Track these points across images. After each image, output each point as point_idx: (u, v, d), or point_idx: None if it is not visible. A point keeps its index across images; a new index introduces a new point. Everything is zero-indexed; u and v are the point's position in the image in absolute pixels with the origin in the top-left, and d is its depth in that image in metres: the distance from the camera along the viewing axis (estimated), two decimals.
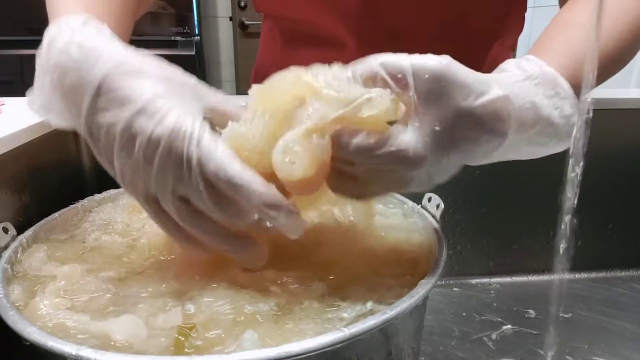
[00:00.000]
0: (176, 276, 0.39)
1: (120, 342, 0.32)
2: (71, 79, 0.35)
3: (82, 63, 0.35)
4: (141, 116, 0.33)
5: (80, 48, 0.35)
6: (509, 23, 0.74)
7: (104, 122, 0.34)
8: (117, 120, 0.33)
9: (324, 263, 0.41)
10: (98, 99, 0.34)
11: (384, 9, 0.66)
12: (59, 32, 0.37)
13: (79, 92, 0.35)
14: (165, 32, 2.40)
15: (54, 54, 0.36)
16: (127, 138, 0.33)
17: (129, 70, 0.35)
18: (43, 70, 0.37)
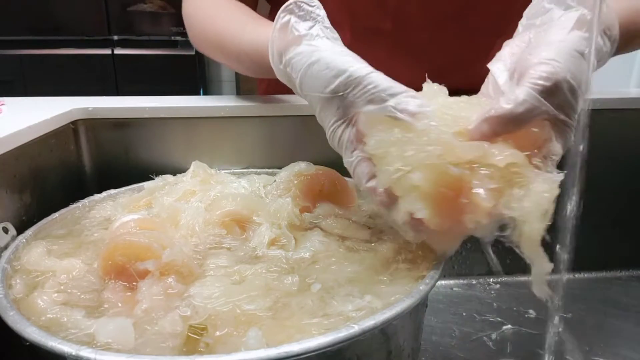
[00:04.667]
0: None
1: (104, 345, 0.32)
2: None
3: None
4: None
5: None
6: (513, 20, 0.74)
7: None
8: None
9: (320, 267, 0.41)
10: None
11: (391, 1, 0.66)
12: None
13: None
14: (165, 32, 2.40)
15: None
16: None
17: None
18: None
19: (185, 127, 0.67)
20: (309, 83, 0.40)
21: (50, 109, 0.63)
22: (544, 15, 0.40)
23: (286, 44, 0.41)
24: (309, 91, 0.40)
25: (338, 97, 0.38)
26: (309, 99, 0.41)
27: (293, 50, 0.41)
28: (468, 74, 0.77)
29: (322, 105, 0.39)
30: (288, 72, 0.42)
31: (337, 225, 0.48)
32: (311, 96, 0.40)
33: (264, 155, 0.69)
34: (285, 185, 0.53)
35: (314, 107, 0.41)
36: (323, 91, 0.38)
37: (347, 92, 0.37)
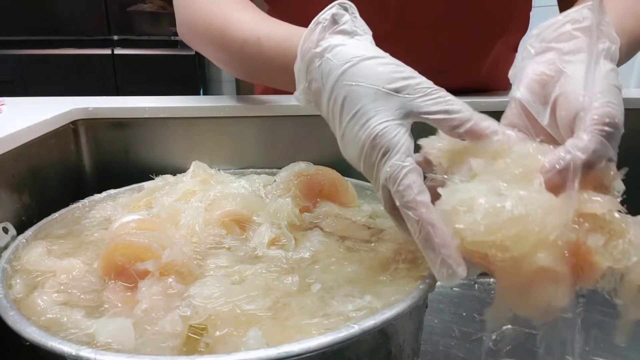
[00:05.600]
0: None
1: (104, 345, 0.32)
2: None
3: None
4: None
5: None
6: (514, 22, 0.74)
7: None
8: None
9: (320, 267, 0.41)
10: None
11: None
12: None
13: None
14: (165, 32, 2.40)
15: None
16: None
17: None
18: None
19: (185, 127, 0.67)
20: (363, 73, 0.37)
21: (50, 109, 0.63)
22: (569, 42, 0.39)
23: (335, 32, 0.39)
24: (359, 81, 0.36)
25: (398, 97, 0.36)
26: (351, 88, 0.37)
27: (343, 40, 0.39)
28: (468, 74, 0.77)
29: (377, 98, 0.36)
30: (324, 57, 0.38)
31: (337, 225, 0.48)
32: (360, 86, 0.36)
33: (264, 155, 0.69)
34: (285, 185, 0.53)
35: (358, 98, 0.36)
36: (383, 85, 0.36)
37: (413, 97, 0.35)
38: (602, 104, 0.34)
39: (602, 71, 0.36)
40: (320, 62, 0.38)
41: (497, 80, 0.82)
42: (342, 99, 0.37)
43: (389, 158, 0.35)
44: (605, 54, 0.37)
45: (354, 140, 0.36)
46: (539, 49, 0.40)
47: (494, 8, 0.70)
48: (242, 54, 0.52)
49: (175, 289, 0.37)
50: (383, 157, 0.35)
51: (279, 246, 0.44)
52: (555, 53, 0.39)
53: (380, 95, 0.36)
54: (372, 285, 0.38)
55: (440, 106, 0.35)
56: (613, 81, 0.36)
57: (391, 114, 0.35)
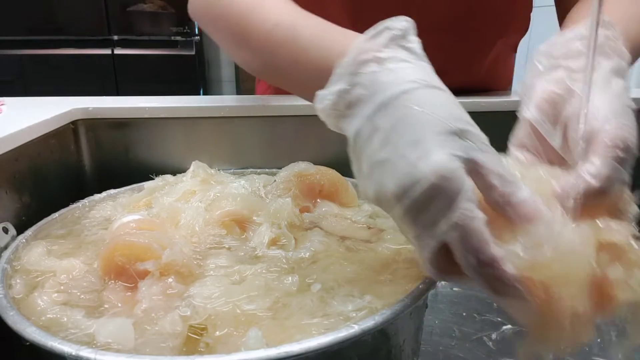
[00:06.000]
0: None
1: (104, 345, 0.32)
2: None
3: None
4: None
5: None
6: (514, 23, 0.74)
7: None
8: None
9: (320, 267, 0.41)
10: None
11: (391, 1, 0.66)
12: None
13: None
14: (165, 32, 2.40)
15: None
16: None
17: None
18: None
19: (185, 127, 0.67)
20: (429, 100, 0.31)
21: (50, 109, 0.63)
22: (579, 60, 0.37)
23: (402, 46, 0.35)
24: (425, 107, 0.31)
25: (462, 141, 0.30)
26: (413, 111, 0.31)
27: (409, 57, 0.34)
28: (467, 74, 0.77)
29: (442, 132, 0.30)
30: (385, 66, 0.33)
31: (337, 225, 0.48)
32: (425, 114, 0.31)
33: (264, 155, 0.69)
34: (285, 185, 0.53)
35: (420, 124, 0.31)
36: (450, 121, 0.31)
37: (477, 148, 0.31)
38: (615, 127, 0.33)
39: (613, 90, 0.35)
40: (379, 69, 0.33)
41: (497, 80, 0.82)
42: (398, 118, 0.31)
43: (455, 205, 0.29)
44: (615, 71, 0.36)
45: (406, 169, 0.30)
46: (547, 66, 0.39)
47: (494, 9, 0.70)
48: (269, 39, 0.43)
49: (175, 289, 0.37)
50: (448, 201, 0.29)
51: (279, 246, 0.44)
52: (564, 71, 0.38)
53: (447, 131, 0.30)
54: (372, 285, 0.38)
55: (500, 169, 0.31)
56: (626, 101, 0.35)
57: (458, 155, 0.30)
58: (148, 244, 0.39)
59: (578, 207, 0.32)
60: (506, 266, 0.28)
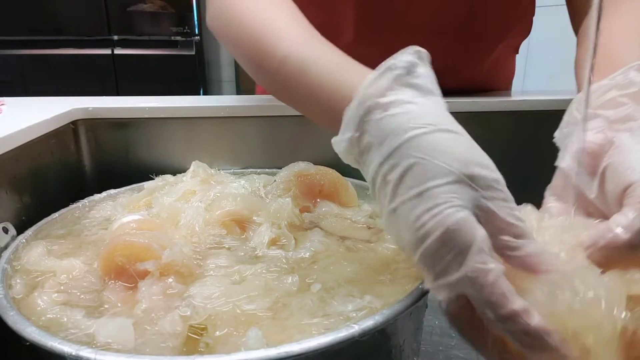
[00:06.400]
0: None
1: (104, 345, 0.32)
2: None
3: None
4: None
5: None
6: (517, 26, 0.74)
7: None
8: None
9: (320, 267, 0.41)
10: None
11: (396, 2, 0.66)
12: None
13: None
14: (165, 32, 2.40)
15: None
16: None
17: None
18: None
19: (185, 127, 0.67)
20: (437, 147, 0.30)
21: (50, 109, 0.63)
22: (617, 110, 0.37)
23: (406, 84, 0.33)
24: (432, 155, 0.30)
25: (472, 190, 0.29)
26: (419, 161, 0.30)
27: (414, 97, 0.32)
28: (469, 75, 0.77)
29: (450, 182, 0.29)
30: (388, 112, 0.32)
31: (337, 225, 0.48)
32: (432, 163, 0.30)
33: (264, 155, 0.69)
34: (285, 185, 0.53)
35: (426, 175, 0.30)
36: (460, 169, 0.29)
37: (489, 196, 0.30)
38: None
39: None
40: (382, 116, 0.32)
41: (497, 80, 0.82)
42: (405, 169, 0.30)
43: (467, 259, 0.28)
44: None
45: (414, 224, 0.29)
46: (589, 117, 0.37)
47: (498, 13, 0.70)
48: (279, 73, 0.41)
49: (175, 289, 0.37)
50: (458, 256, 0.28)
51: (279, 246, 0.44)
52: (602, 120, 0.37)
53: (455, 180, 0.29)
54: (372, 285, 0.38)
55: (511, 219, 0.30)
56: None
57: (466, 205, 0.29)
58: (148, 244, 0.39)
59: (607, 258, 0.31)
60: (532, 318, 0.27)
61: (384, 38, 0.68)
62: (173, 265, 0.38)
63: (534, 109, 0.69)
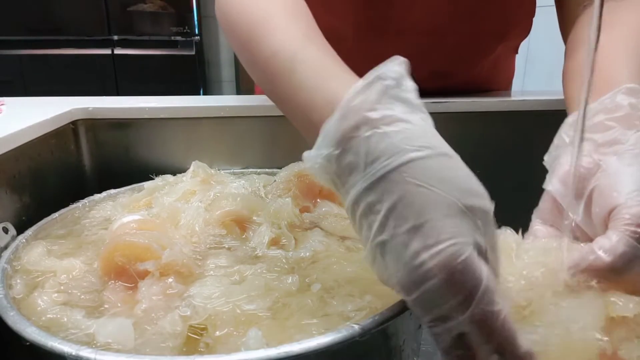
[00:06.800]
0: None
1: (104, 345, 0.32)
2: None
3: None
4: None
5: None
6: (517, 27, 0.74)
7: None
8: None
9: (320, 267, 0.41)
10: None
11: (396, 3, 0.66)
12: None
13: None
14: (165, 32, 2.40)
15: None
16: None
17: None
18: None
19: (185, 127, 0.67)
20: (435, 174, 0.27)
21: (50, 109, 0.63)
22: (605, 133, 0.36)
23: (397, 98, 0.29)
24: (430, 183, 0.27)
25: (472, 221, 0.27)
26: (414, 189, 0.27)
27: (405, 114, 0.29)
28: (469, 75, 0.77)
29: (450, 214, 0.26)
30: (379, 129, 0.28)
31: (337, 225, 0.48)
32: (430, 191, 0.26)
33: (264, 155, 0.69)
34: (285, 185, 0.53)
35: (423, 206, 0.26)
36: (460, 199, 0.27)
37: (486, 230, 0.28)
38: (637, 203, 0.31)
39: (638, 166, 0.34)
40: (371, 133, 0.28)
41: (497, 80, 0.82)
42: (397, 198, 0.27)
43: (476, 301, 0.25)
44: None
45: (411, 263, 0.26)
46: (573, 138, 0.37)
47: (497, 14, 0.70)
48: (267, 68, 0.39)
49: (175, 289, 0.37)
50: (466, 299, 0.25)
51: (279, 246, 0.44)
52: (590, 144, 0.36)
53: (455, 211, 0.26)
54: (372, 285, 0.38)
55: (497, 256, 0.29)
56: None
57: (468, 239, 0.26)
58: (148, 244, 0.39)
59: (589, 281, 0.31)
60: (532, 356, 0.26)
61: (384, 39, 0.69)
62: (173, 265, 0.38)
63: (534, 109, 0.69)
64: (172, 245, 0.40)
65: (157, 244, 0.39)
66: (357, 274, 0.40)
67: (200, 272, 0.40)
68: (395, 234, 0.27)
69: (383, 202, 0.27)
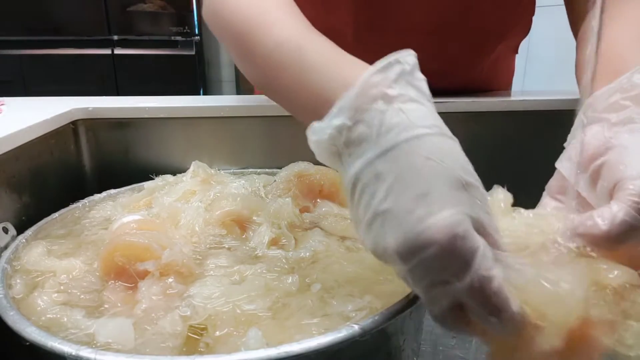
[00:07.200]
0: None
1: (104, 345, 0.32)
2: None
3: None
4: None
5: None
6: (517, 26, 0.74)
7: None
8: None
9: (320, 267, 0.41)
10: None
11: (395, 2, 0.66)
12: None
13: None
14: (165, 32, 2.40)
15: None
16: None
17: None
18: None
19: (185, 127, 0.67)
20: (441, 149, 0.29)
21: (50, 109, 0.63)
22: (619, 113, 0.36)
23: (412, 84, 0.31)
24: (437, 156, 0.28)
25: (470, 197, 0.28)
26: (422, 161, 0.28)
27: (419, 97, 0.31)
28: (469, 75, 0.77)
29: (453, 187, 0.28)
30: (394, 105, 0.30)
31: (337, 225, 0.48)
32: (437, 164, 0.28)
33: (264, 155, 0.69)
34: (285, 185, 0.53)
35: (430, 176, 0.28)
36: (461, 174, 0.28)
37: (481, 206, 0.29)
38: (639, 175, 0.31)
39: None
40: (387, 107, 0.30)
41: (497, 80, 0.82)
42: (404, 167, 0.28)
43: (474, 267, 0.26)
44: None
45: (414, 227, 0.27)
46: (590, 119, 0.38)
47: (497, 13, 0.70)
48: (272, 59, 0.39)
49: (175, 289, 0.37)
50: (466, 265, 0.27)
51: (279, 246, 0.44)
52: (605, 123, 0.37)
53: (458, 186, 0.28)
54: (372, 285, 0.38)
55: (495, 234, 0.29)
56: None
57: (468, 213, 0.28)
58: (148, 244, 0.39)
59: (584, 248, 0.31)
60: (522, 315, 0.27)
61: (383, 39, 0.68)
62: (173, 265, 0.38)
63: (534, 109, 0.69)
64: (172, 245, 0.40)
65: (157, 244, 0.39)
66: (357, 274, 0.40)
67: (200, 272, 0.40)
68: (399, 200, 0.28)
69: (392, 171, 0.29)
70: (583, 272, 0.29)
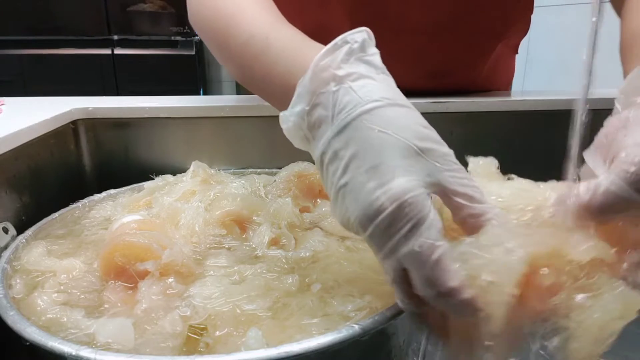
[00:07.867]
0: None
1: (104, 345, 0.32)
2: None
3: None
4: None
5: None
6: (515, 25, 0.74)
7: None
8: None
9: (320, 267, 0.41)
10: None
11: (393, 1, 0.66)
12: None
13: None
14: (165, 32, 2.40)
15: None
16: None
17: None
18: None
19: (185, 127, 0.67)
20: (392, 120, 0.30)
21: (50, 109, 0.63)
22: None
23: (362, 59, 0.33)
24: (387, 128, 0.30)
25: (427, 162, 0.29)
26: (374, 134, 0.30)
27: (369, 72, 0.32)
28: (468, 75, 0.77)
29: (405, 156, 0.29)
30: (344, 84, 0.31)
31: (337, 225, 0.48)
32: (388, 135, 0.30)
33: (264, 155, 0.69)
34: (285, 185, 0.53)
35: (381, 148, 0.29)
36: (414, 142, 0.29)
37: (442, 169, 0.29)
38: (636, 143, 0.30)
39: None
40: (338, 88, 0.31)
41: (497, 81, 0.82)
42: (358, 142, 0.30)
43: (418, 234, 0.28)
44: None
45: (366, 198, 0.29)
46: (624, 104, 0.36)
47: (495, 12, 0.70)
48: (245, 51, 0.41)
49: (175, 289, 0.37)
50: (410, 231, 0.28)
51: (279, 246, 0.44)
52: (632, 107, 0.35)
53: (410, 153, 0.29)
54: (372, 285, 0.38)
55: (468, 189, 0.30)
56: None
57: (421, 180, 0.29)
58: (148, 244, 0.39)
59: (568, 219, 0.30)
60: (465, 293, 0.27)
61: (382, 40, 0.68)
62: (173, 265, 0.38)
63: (534, 109, 0.69)
64: (172, 245, 0.40)
65: (157, 244, 0.39)
66: (357, 274, 0.40)
67: (200, 272, 0.40)
68: (354, 175, 0.30)
69: (347, 148, 0.30)
70: (539, 240, 0.28)
